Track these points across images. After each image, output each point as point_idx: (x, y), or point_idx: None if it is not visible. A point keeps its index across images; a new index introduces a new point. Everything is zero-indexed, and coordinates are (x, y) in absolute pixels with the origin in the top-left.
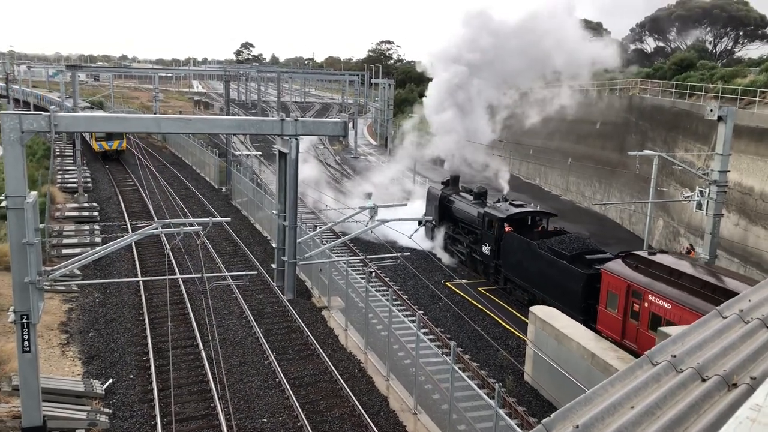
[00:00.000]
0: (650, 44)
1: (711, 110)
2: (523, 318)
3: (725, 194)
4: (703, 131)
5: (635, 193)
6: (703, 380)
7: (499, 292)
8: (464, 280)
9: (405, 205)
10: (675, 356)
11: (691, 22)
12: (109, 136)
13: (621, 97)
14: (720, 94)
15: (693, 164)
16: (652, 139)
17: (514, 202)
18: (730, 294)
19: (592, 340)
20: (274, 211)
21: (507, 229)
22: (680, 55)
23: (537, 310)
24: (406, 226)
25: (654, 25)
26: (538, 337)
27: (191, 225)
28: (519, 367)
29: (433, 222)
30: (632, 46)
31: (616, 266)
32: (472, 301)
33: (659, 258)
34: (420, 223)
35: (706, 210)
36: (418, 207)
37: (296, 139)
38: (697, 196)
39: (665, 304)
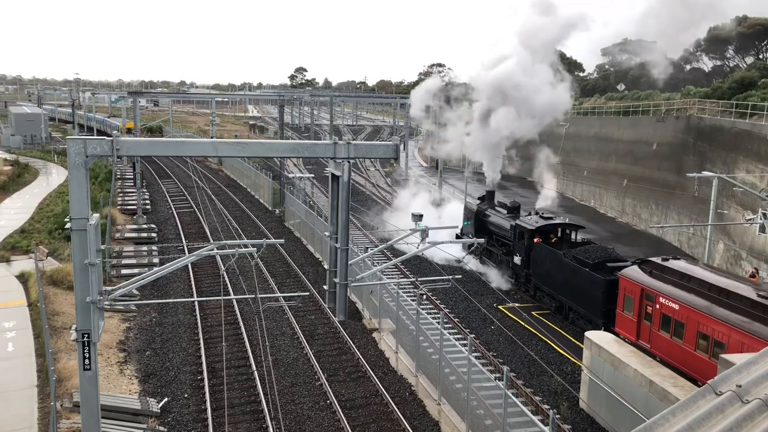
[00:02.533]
0: (707, 63)
1: None
2: (578, 343)
3: None
4: (765, 152)
5: (694, 216)
6: None
7: (554, 317)
8: (517, 304)
9: (456, 227)
10: (740, 386)
11: (752, 39)
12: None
13: (678, 118)
14: None
15: (755, 186)
16: (711, 161)
17: (543, 215)
18: (734, 295)
19: (650, 366)
20: (327, 233)
21: (536, 240)
22: (740, 74)
23: (592, 335)
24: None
25: (711, 44)
26: (594, 363)
27: (245, 246)
28: (574, 394)
29: (470, 235)
30: (688, 66)
31: (632, 272)
32: (525, 325)
33: (671, 264)
34: (470, 246)
35: None
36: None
37: (348, 162)
38: (760, 219)
39: (674, 306)
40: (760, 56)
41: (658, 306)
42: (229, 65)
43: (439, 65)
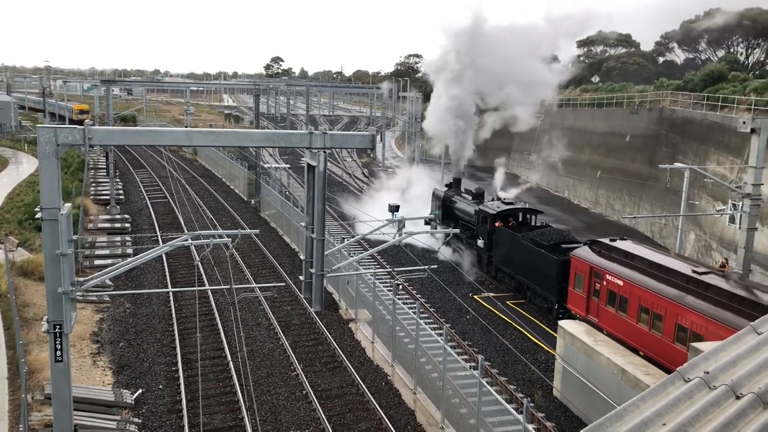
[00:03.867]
0: (680, 56)
1: (744, 122)
2: (552, 332)
3: (759, 207)
4: (735, 144)
5: (666, 207)
6: (738, 398)
7: (528, 305)
8: (492, 294)
9: (432, 217)
10: (708, 372)
11: (723, 33)
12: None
13: (651, 110)
14: (753, 107)
15: (725, 177)
16: (683, 152)
17: (505, 201)
18: (672, 272)
19: (622, 355)
20: (303, 224)
21: (497, 224)
22: (711, 67)
23: (566, 324)
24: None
25: (683, 37)
26: (568, 352)
27: (220, 237)
28: (548, 382)
29: (437, 220)
30: (661, 59)
31: (583, 252)
32: (500, 315)
33: (618, 244)
34: (445, 236)
35: (740, 224)
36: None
37: (324, 152)
38: (730, 210)
39: (619, 282)
40: (731, 50)
41: (605, 283)
42: (205, 54)
43: (416, 56)
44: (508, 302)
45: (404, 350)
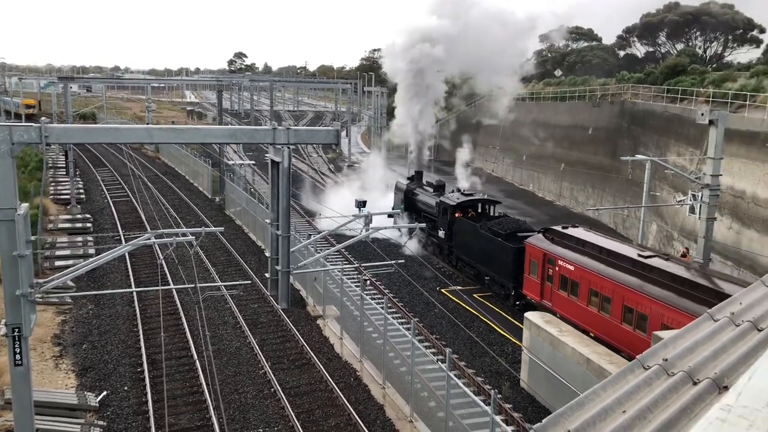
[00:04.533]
0: (640, 50)
1: (702, 114)
2: (518, 324)
3: (718, 198)
4: (694, 135)
5: (628, 198)
6: (695, 383)
7: (494, 298)
8: (459, 287)
9: (398, 212)
10: (666, 360)
11: (681, 27)
12: None
13: (613, 103)
14: (711, 99)
15: (685, 168)
16: (645, 144)
17: (465, 192)
18: (619, 256)
19: (587, 345)
20: (267, 220)
21: (457, 214)
22: (672, 60)
23: (532, 316)
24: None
25: (644, 30)
26: (534, 343)
27: (184, 235)
28: (515, 374)
29: (400, 212)
30: (622, 52)
31: (537, 240)
32: (467, 308)
33: (570, 231)
34: (410, 231)
35: (699, 214)
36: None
37: (288, 147)
38: (690, 201)
39: (570, 267)
40: (690, 43)
41: (557, 268)
42: (166, 50)
43: (381, 50)
44: (474, 295)
45: (373, 345)
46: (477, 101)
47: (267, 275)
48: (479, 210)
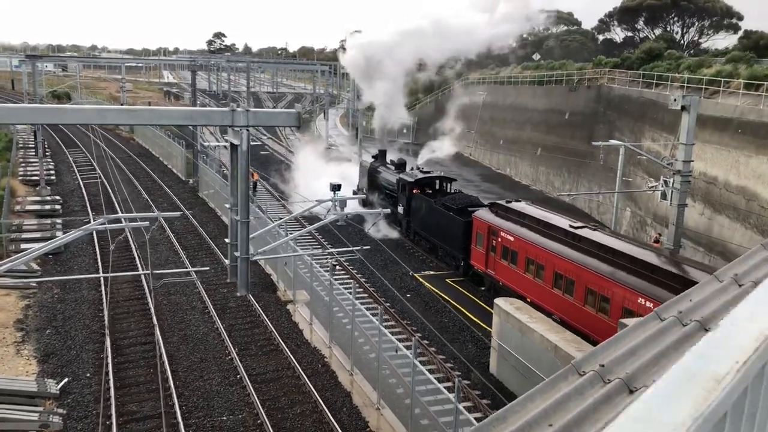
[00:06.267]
0: (619, 34)
1: (675, 100)
2: (489, 309)
3: (689, 184)
4: (669, 121)
5: (603, 183)
6: (631, 392)
7: (467, 284)
8: (432, 272)
9: (363, 196)
10: (603, 365)
11: (660, 12)
12: None
13: (590, 87)
14: (686, 84)
15: (659, 154)
16: (620, 129)
17: (423, 170)
18: (552, 227)
19: (556, 332)
20: (227, 205)
21: (415, 191)
22: (648, 45)
23: (501, 302)
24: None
25: (623, 15)
26: (503, 330)
27: (140, 220)
28: (485, 360)
29: (363, 190)
30: (601, 36)
31: (483, 213)
32: (440, 293)
33: (513, 205)
34: (378, 215)
35: (671, 200)
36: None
37: (247, 130)
38: (662, 186)
39: (510, 238)
40: (668, 28)
41: (500, 239)
42: (144, 30)
43: (360, 32)
44: (447, 280)
45: (342, 332)
46: (452, 87)
47: (227, 262)
48: (437, 187)
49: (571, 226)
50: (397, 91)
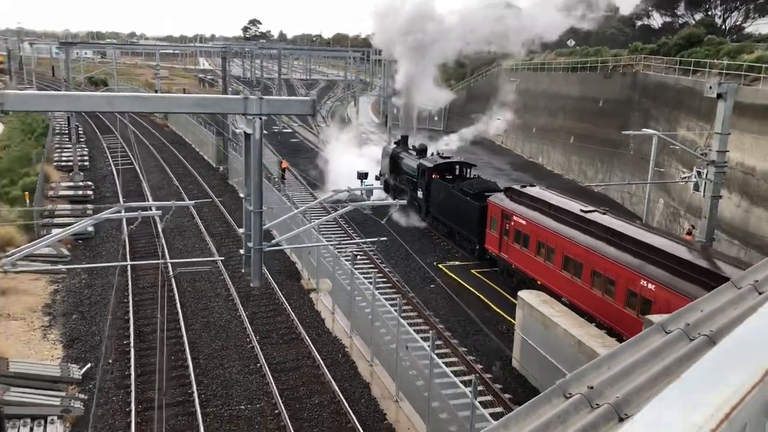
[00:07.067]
0: (657, 20)
1: (710, 87)
2: (515, 301)
3: (724, 175)
4: (706, 109)
5: (636, 173)
6: (621, 419)
7: (492, 275)
8: (457, 262)
9: (384, 179)
10: (592, 387)
11: None
12: None
13: (625, 74)
14: (725, 71)
15: (695, 143)
16: (655, 118)
17: (443, 155)
18: (563, 211)
19: (580, 326)
20: (242, 194)
21: (434, 176)
22: (687, 31)
23: (525, 295)
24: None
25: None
26: (526, 323)
27: (150, 209)
28: (507, 353)
29: (385, 175)
30: (639, 23)
31: (497, 198)
32: (464, 283)
33: (527, 189)
34: (393, 208)
35: (704, 191)
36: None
37: (260, 118)
38: (695, 177)
39: (523, 222)
40: (709, 12)
41: (512, 223)
42: (182, 17)
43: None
44: (472, 271)
45: (363, 321)
46: (488, 72)
47: (241, 252)
48: (456, 172)
49: (581, 210)
50: (429, 74)
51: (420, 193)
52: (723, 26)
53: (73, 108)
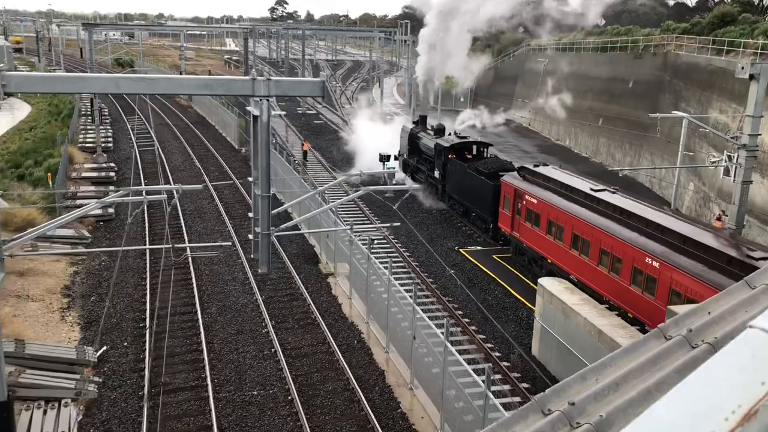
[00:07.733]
0: None
1: (742, 68)
2: (535, 287)
3: (756, 159)
4: (739, 91)
5: (666, 157)
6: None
7: (514, 261)
8: (479, 247)
9: (394, 171)
10: (573, 404)
11: None
12: None
13: (656, 55)
14: (760, 50)
15: (728, 126)
16: (686, 99)
17: (459, 135)
18: (574, 190)
19: (601, 316)
20: (251, 178)
21: (451, 156)
22: (721, 9)
23: (546, 282)
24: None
25: None
26: (546, 311)
27: (159, 192)
28: (527, 341)
29: (405, 155)
30: (671, 1)
31: (510, 177)
32: (485, 269)
33: (540, 169)
34: (403, 194)
35: (734, 176)
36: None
37: (268, 100)
38: (725, 162)
39: (534, 201)
40: None
41: (524, 202)
42: None
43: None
44: (493, 256)
45: (380, 307)
46: (515, 52)
47: (250, 237)
48: (474, 152)
49: (591, 189)
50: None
51: (437, 173)
52: (761, 3)
53: (78, 90)
